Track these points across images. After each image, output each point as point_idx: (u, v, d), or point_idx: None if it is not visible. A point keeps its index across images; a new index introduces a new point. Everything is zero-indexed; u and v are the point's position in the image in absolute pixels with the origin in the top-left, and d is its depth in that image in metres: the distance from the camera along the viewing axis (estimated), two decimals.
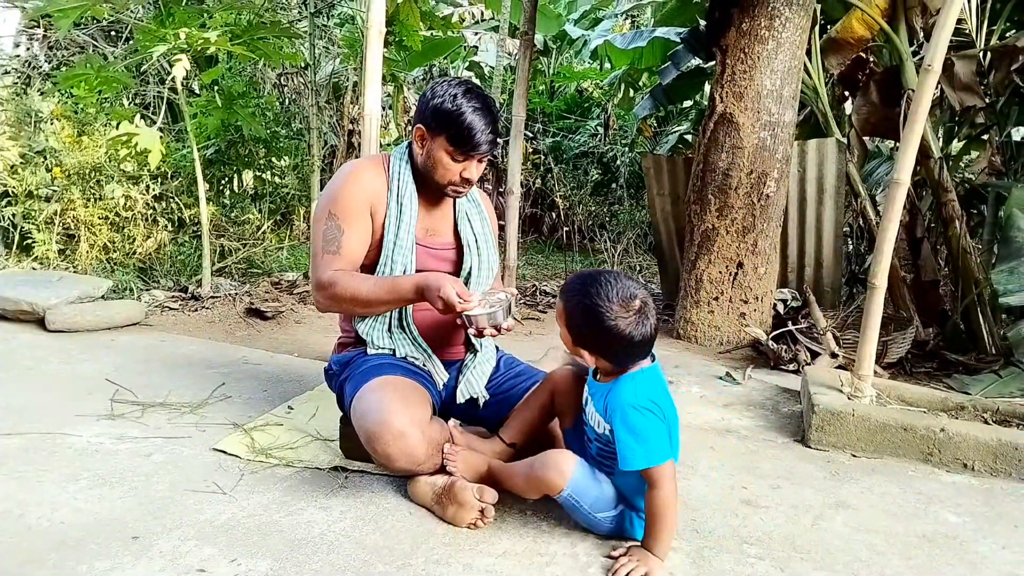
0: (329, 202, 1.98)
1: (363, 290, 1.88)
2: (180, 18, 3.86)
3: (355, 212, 1.97)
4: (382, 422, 1.72)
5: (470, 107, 1.88)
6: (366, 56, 3.04)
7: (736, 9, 3.86)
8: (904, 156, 2.51)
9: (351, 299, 1.89)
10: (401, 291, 1.86)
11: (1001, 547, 1.85)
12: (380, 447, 1.72)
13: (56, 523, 1.64)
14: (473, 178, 1.98)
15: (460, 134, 1.88)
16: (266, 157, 5.76)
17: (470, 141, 1.89)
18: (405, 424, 1.73)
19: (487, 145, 1.92)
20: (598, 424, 1.70)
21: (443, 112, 1.89)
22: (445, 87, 1.92)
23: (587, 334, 1.64)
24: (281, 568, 1.51)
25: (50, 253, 4.38)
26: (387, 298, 1.88)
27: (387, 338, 2.03)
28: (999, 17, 4.37)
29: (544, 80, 9.64)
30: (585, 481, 1.66)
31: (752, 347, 3.84)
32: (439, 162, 1.94)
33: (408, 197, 2.01)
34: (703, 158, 4.07)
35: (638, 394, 1.62)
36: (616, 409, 1.61)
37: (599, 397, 1.70)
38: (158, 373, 2.84)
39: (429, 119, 1.93)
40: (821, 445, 2.48)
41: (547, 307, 4.91)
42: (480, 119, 1.89)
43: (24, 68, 6.05)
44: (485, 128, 1.90)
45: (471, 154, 1.92)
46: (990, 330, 4.00)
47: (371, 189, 2.00)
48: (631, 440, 1.58)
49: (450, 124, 1.89)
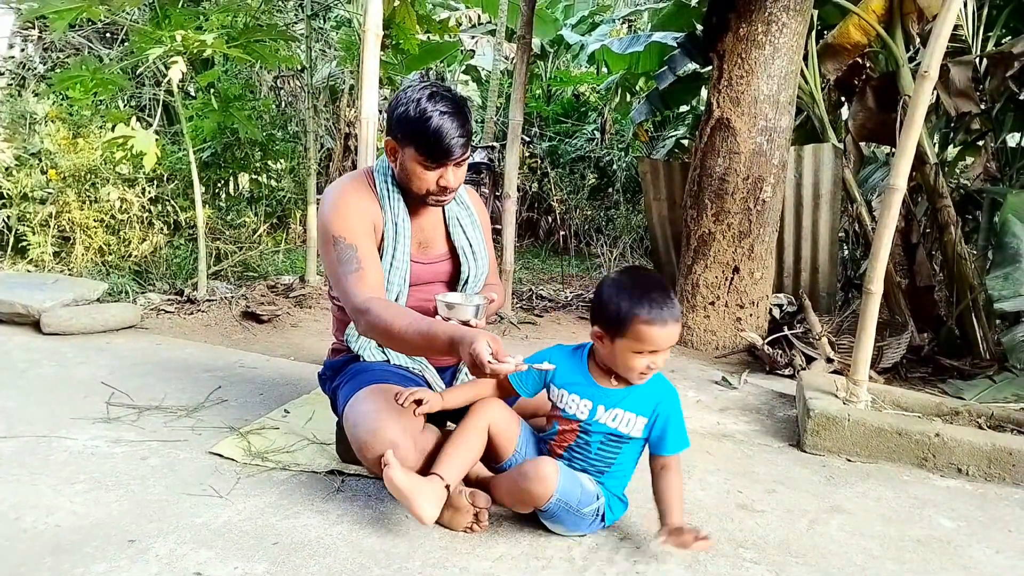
0: (330, 228, 1.90)
1: (395, 326, 1.72)
2: (176, 20, 3.86)
3: (361, 230, 1.90)
4: (373, 431, 1.71)
5: (436, 111, 1.79)
6: (363, 59, 3.05)
7: (733, 14, 3.87)
8: (900, 162, 2.52)
9: (383, 331, 1.76)
10: (436, 342, 1.67)
11: (995, 552, 1.85)
12: (371, 456, 1.71)
13: (52, 526, 1.64)
14: (451, 184, 1.89)
15: (428, 142, 1.80)
16: (262, 160, 5.75)
17: (439, 148, 1.81)
18: (396, 434, 1.71)
19: (459, 149, 1.83)
20: (629, 424, 1.72)
21: (408, 121, 1.81)
22: (408, 93, 1.85)
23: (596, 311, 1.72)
24: (278, 571, 1.51)
25: (45, 256, 4.36)
26: (420, 343, 1.72)
27: (379, 351, 2.02)
28: (995, 23, 4.40)
29: (541, 84, 9.66)
30: (568, 481, 1.68)
31: (748, 352, 3.85)
32: (413, 173, 1.87)
33: (402, 218, 1.97)
34: (700, 163, 4.08)
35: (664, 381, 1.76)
36: (667, 399, 1.73)
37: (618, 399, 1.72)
38: (154, 376, 2.83)
39: (395, 130, 1.85)
40: (816, 450, 2.48)
41: (543, 311, 4.91)
42: (448, 121, 1.80)
43: (19, 70, 6.03)
44: (454, 131, 1.81)
45: (443, 161, 1.84)
46: (985, 335, 4.02)
47: (367, 208, 1.94)
48: (681, 424, 1.73)
49: (416, 133, 1.81)
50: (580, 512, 1.69)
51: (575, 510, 1.68)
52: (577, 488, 1.68)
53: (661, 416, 1.72)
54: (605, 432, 1.73)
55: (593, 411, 1.73)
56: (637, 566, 1.63)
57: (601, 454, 1.75)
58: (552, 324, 4.54)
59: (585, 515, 1.70)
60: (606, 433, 1.73)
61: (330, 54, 6.94)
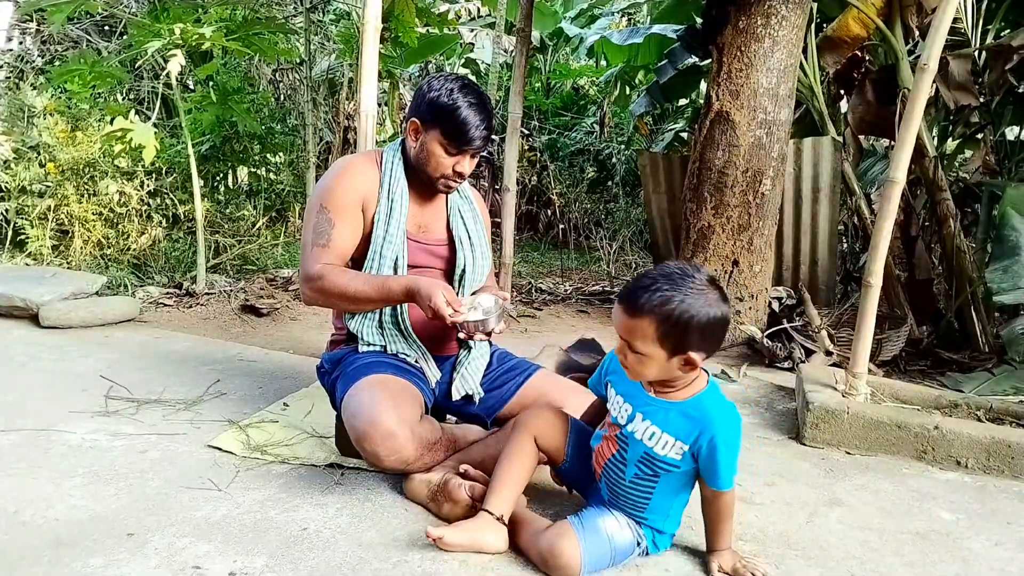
0: (321, 196, 2.00)
1: (351, 286, 1.89)
2: (175, 13, 3.85)
3: (346, 206, 1.98)
4: (371, 421, 1.72)
5: (466, 102, 1.91)
6: (362, 52, 3.04)
7: (733, 7, 3.85)
8: (899, 155, 2.52)
9: (339, 294, 1.90)
10: (390, 292, 1.88)
11: (994, 544, 1.86)
12: (369, 446, 1.72)
13: (51, 520, 1.64)
14: (466, 172, 2.00)
15: (455, 128, 1.91)
16: (261, 153, 5.74)
17: (465, 135, 1.92)
18: (394, 423, 1.73)
19: (481, 140, 1.94)
20: (665, 446, 1.53)
21: (439, 106, 1.92)
22: (442, 82, 1.96)
23: (691, 336, 1.44)
24: (277, 565, 1.51)
25: (44, 249, 4.36)
26: (375, 297, 1.89)
27: (378, 334, 2.03)
28: (994, 16, 4.38)
29: (540, 77, 9.62)
30: (597, 550, 1.54)
31: (747, 345, 3.85)
32: (432, 155, 1.96)
33: (399, 192, 2.02)
34: (699, 156, 4.07)
35: (733, 411, 1.53)
36: (720, 430, 1.50)
37: (662, 414, 1.54)
38: (153, 370, 2.83)
39: (424, 112, 1.95)
40: (816, 442, 2.48)
41: (543, 304, 4.91)
42: (475, 114, 1.92)
43: (17, 63, 6.01)
44: (480, 124, 1.92)
45: (464, 148, 1.95)
46: (984, 328, 4.02)
47: (363, 184, 2.01)
48: (733, 460, 1.51)
49: (445, 118, 1.91)
50: (615, 562, 1.58)
51: (610, 564, 1.57)
52: (603, 547, 1.54)
53: (705, 447, 1.51)
54: (641, 452, 1.56)
55: (631, 417, 1.58)
56: (636, 559, 1.63)
57: (637, 485, 1.58)
58: (552, 317, 4.54)
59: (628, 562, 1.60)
60: (642, 455, 1.56)
61: (329, 47, 6.92)
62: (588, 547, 1.52)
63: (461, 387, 2.05)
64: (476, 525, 1.60)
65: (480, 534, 1.58)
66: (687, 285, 1.44)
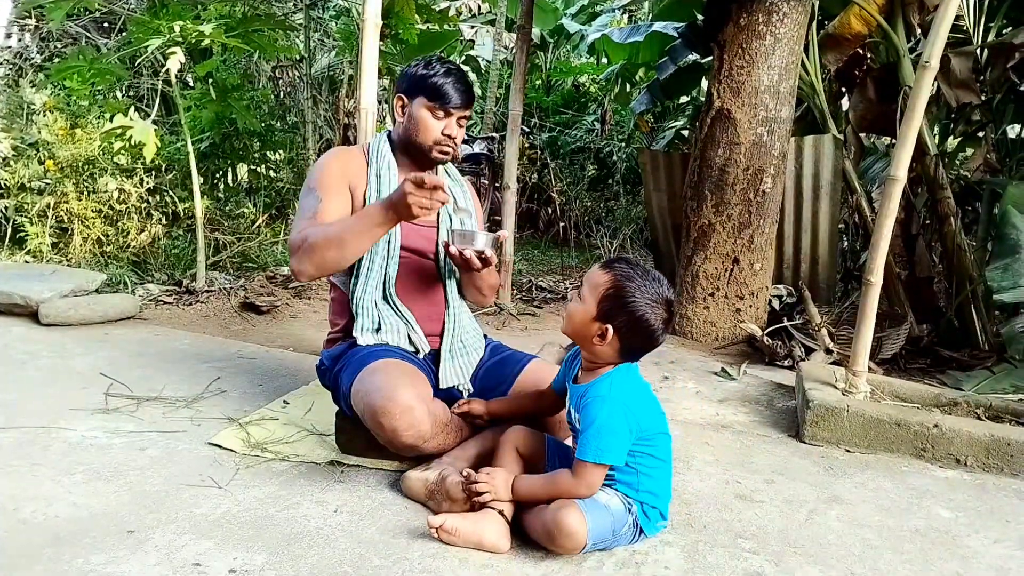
0: (309, 180, 2.08)
1: (333, 229, 1.90)
2: (174, 10, 3.84)
3: (333, 184, 2.05)
4: (389, 397, 1.74)
5: (443, 68, 2.05)
6: (362, 49, 3.03)
7: (734, 4, 3.85)
8: (900, 153, 2.52)
9: (325, 243, 1.88)
10: (370, 215, 1.87)
11: (993, 541, 1.86)
12: (387, 421, 1.73)
13: (51, 517, 1.64)
14: (455, 134, 2.06)
15: (436, 89, 2.02)
16: (261, 151, 5.74)
17: (447, 94, 2.02)
18: (412, 398, 1.75)
19: (462, 96, 2.04)
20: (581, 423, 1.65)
21: (418, 76, 2.05)
22: (418, 60, 2.11)
23: (620, 315, 1.59)
24: (277, 562, 1.51)
25: (43, 246, 4.35)
26: (360, 227, 1.87)
27: (374, 310, 2.04)
28: (996, 14, 4.38)
29: (541, 75, 9.63)
30: (600, 520, 1.59)
31: (747, 343, 3.85)
32: (420, 121, 2.04)
33: (386, 167, 2.09)
34: (700, 154, 4.07)
35: (613, 388, 1.62)
36: (591, 400, 1.61)
37: (576, 399, 1.68)
38: (152, 367, 2.83)
39: (406, 86, 2.07)
40: (815, 440, 2.49)
41: (543, 302, 4.91)
42: (453, 77, 2.04)
43: (16, 60, 6.01)
44: (458, 84, 2.04)
45: (449, 108, 2.03)
46: (984, 327, 4.02)
47: (350, 168, 2.09)
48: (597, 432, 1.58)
49: (426, 83, 2.03)
50: (618, 537, 1.63)
51: (612, 540, 1.63)
52: (606, 518, 1.60)
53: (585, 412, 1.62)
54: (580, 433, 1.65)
55: (570, 408, 1.72)
56: (636, 556, 1.63)
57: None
58: (552, 315, 4.54)
59: (624, 535, 1.64)
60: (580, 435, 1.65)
61: (329, 44, 6.92)
62: (592, 517, 1.58)
63: (450, 375, 2.05)
64: (478, 516, 1.64)
65: (482, 522, 1.62)
66: (651, 287, 1.60)
